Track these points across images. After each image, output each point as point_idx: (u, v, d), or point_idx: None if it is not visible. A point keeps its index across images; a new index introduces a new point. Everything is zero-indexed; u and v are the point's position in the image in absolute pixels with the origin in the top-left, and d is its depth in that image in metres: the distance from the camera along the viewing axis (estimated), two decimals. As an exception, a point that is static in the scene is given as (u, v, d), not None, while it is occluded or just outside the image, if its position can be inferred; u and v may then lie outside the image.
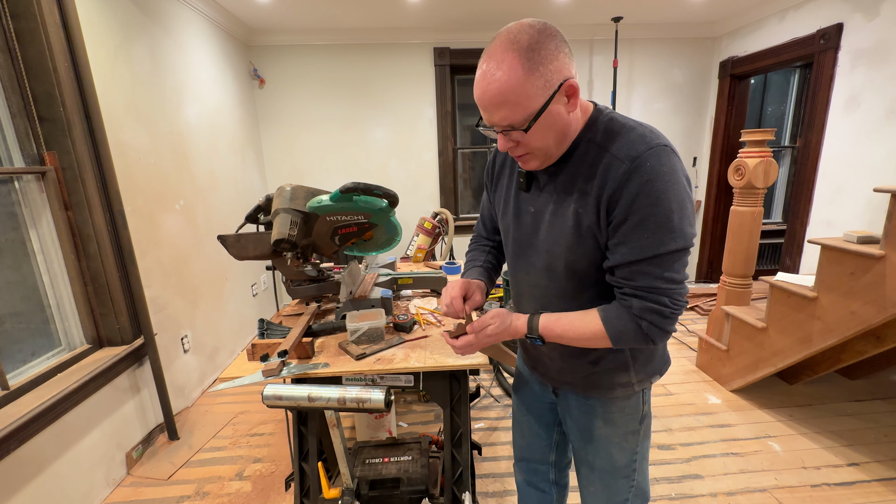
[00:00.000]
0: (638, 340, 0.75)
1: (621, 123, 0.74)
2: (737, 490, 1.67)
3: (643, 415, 0.93)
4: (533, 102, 0.67)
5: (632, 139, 0.71)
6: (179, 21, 2.44)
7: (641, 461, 0.97)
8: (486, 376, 2.59)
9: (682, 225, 0.70)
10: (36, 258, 1.66)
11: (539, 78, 0.66)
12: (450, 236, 2.89)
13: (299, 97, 3.50)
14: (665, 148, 0.70)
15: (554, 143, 0.74)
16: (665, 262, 0.71)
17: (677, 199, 0.69)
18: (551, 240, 0.81)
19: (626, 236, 0.71)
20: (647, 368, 0.89)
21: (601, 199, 0.72)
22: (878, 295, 1.56)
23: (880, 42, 2.47)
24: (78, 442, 1.63)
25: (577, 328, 0.78)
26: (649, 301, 0.72)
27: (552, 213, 0.80)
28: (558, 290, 0.85)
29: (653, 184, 0.68)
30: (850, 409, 2.14)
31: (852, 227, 2.51)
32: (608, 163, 0.71)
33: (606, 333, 0.76)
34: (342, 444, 0.99)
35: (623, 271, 0.74)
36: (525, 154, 0.76)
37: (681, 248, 0.70)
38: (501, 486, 1.72)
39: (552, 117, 0.70)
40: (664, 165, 0.68)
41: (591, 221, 0.74)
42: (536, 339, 0.82)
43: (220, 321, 2.77)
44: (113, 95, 1.89)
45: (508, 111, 0.68)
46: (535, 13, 3.19)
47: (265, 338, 1.23)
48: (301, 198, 1.42)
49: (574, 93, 0.71)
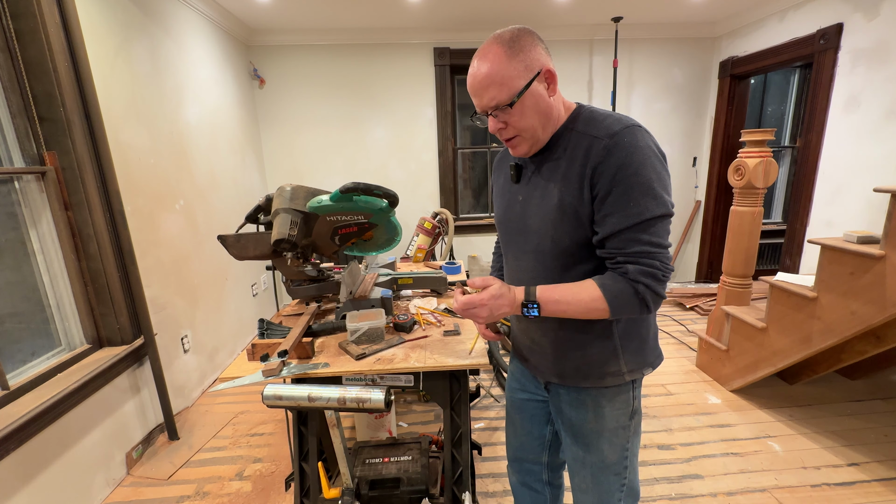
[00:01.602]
0: (633, 305, 0.79)
1: (599, 112, 0.83)
2: (737, 490, 1.67)
3: (633, 410, 0.95)
4: (516, 82, 0.78)
5: (608, 122, 0.79)
6: (179, 21, 2.44)
7: (632, 458, 0.98)
8: (486, 376, 2.59)
9: (662, 192, 0.77)
10: (36, 258, 1.66)
11: (520, 62, 0.78)
12: (450, 236, 2.89)
13: (299, 97, 3.50)
14: (639, 128, 0.78)
15: (539, 124, 0.82)
16: (651, 228, 0.77)
17: (654, 169, 0.76)
18: (538, 221, 0.87)
19: (613, 206, 0.77)
20: (638, 358, 0.91)
21: (584, 175, 0.79)
22: (878, 295, 1.56)
23: (880, 42, 2.47)
24: (78, 442, 1.63)
25: (574, 293, 0.81)
26: (643, 265, 0.77)
27: (539, 197, 0.87)
28: (545, 271, 0.89)
29: (631, 156, 0.75)
30: (850, 409, 2.14)
31: (852, 227, 2.51)
32: (589, 143, 0.79)
33: (603, 296, 0.79)
34: (342, 444, 0.99)
35: (614, 241, 0.79)
36: (514, 137, 0.85)
37: (664, 213, 0.77)
38: (501, 486, 1.72)
39: (534, 97, 0.80)
40: (639, 140, 0.76)
41: (574, 198, 0.80)
42: (534, 308, 0.83)
43: (220, 321, 2.77)
44: (113, 95, 1.89)
45: (496, 91, 0.79)
46: (536, 13, 3.19)
47: (265, 338, 1.23)
48: (301, 198, 1.42)
49: (552, 79, 0.81)
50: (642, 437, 1.87)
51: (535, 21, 3.34)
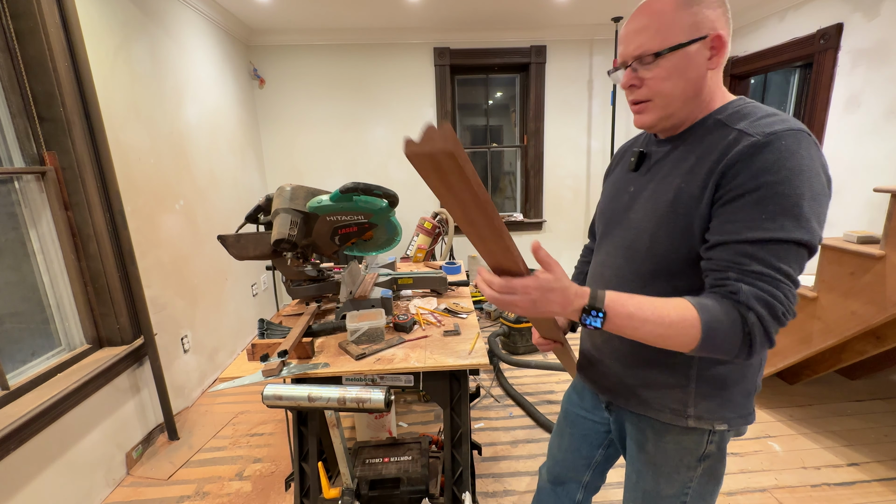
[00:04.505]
0: (734, 340, 0.59)
1: (762, 108, 0.66)
2: (737, 490, 1.67)
3: (705, 454, 0.78)
4: (674, 34, 0.65)
5: (769, 120, 0.62)
6: (179, 21, 2.44)
7: (696, 500, 0.82)
8: (486, 376, 2.59)
9: (811, 217, 0.58)
10: (36, 258, 1.66)
11: (690, 16, 0.64)
12: (450, 236, 2.89)
13: (299, 97, 3.50)
14: (807, 135, 0.60)
15: (681, 94, 0.67)
16: (782, 253, 0.58)
17: (810, 186, 0.58)
18: (641, 215, 0.73)
19: (738, 214, 0.60)
20: (712, 404, 0.73)
21: (714, 170, 0.62)
22: (878, 295, 1.56)
23: (880, 42, 2.47)
24: (78, 442, 1.63)
25: (657, 308, 0.61)
26: (761, 290, 0.58)
27: (652, 190, 0.73)
28: (632, 274, 0.75)
29: (784, 161, 0.57)
30: (850, 409, 2.14)
31: (852, 227, 2.51)
32: (734, 138, 0.62)
33: (699, 317, 0.59)
34: (342, 444, 0.99)
35: (726, 251, 0.61)
36: (645, 101, 0.70)
37: (805, 241, 0.58)
38: (501, 487, 1.72)
39: (687, 60, 0.65)
40: (803, 149, 0.58)
41: (693, 197, 0.65)
42: (597, 318, 0.62)
43: (220, 321, 2.77)
44: (113, 95, 1.89)
45: (647, 37, 0.66)
46: (536, 13, 3.19)
47: (265, 338, 1.23)
48: (301, 198, 1.42)
49: (721, 47, 0.65)
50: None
51: (534, 21, 3.34)
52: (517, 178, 4.05)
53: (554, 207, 3.95)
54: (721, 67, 0.68)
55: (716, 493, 0.83)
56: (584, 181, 3.90)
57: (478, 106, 3.96)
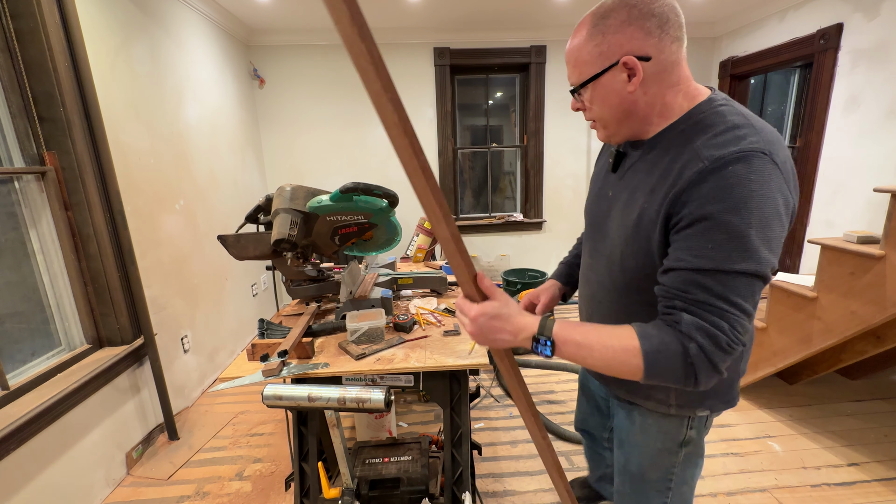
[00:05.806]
0: (676, 371, 0.60)
1: (724, 117, 0.63)
2: (737, 490, 1.67)
3: (685, 439, 0.83)
4: (588, 68, 0.68)
5: (725, 137, 0.60)
6: (179, 21, 2.44)
7: (679, 485, 0.89)
8: (486, 376, 2.59)
9: (759, 246, 0.57)
10: (36, 258, 1.66)
11: (595, 47, 0.67)
12: (450, 236, 2.88)
13: (299, 97, 3.50)
14: (762, 156, 0.58)
15: (610, 117, 0.71)
16: (729, 283, 0.58)
17: (760, 214, 0.57)
18: (615, 228, 0.76)
19: (687, 241, 0.60)
20: (694, 395, 0.78)
21: (667, 196, 0.63)
22: (878, 295, 1.56)
23: (880, 42, 2.47)
24: (78, 442, 1.63)
25: (602, 338, 0.63)
26: (703, 319, 0.58)
27: (624, 202, 0.75)
28: (611, 283, 0.79)
29: (731, 190, 0.57)
30: (850, 409, 2.14)
31: (852, 227, 2.51)
32: (688, 158, 0.62)
33: (641, 348, 0.60)
34: (342, 444, 0.99)
35: (675, 278, 0.61)
36: (593, 121, 0.76)
37: (751, 272, 0.58)
38: (501, 487, 1.72)
39: (605, 90, 0.68)
40: (753, 173, 0.57)
41: (651, 219, 0.66)
42: (546, 346, 0.64)
43: (220, 321, 2.77)
44: (113, 95, 1.89)
45: (570, 71, 0.72)
46: (536, 13, 3.19)
47: (265, 338, 1.23)
48: (301, 198, 1.42)
49: (634, 71, 0.65)
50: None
51: (534, 21, 3.34)
52: (517, 178, 4.05)
53: (554, 207, 3.95)
54: (640, 81, 0.66)
55: (696, 477, 0.91)
56: (584, 181, 3.90)
57: (478, 106, 3.96)
